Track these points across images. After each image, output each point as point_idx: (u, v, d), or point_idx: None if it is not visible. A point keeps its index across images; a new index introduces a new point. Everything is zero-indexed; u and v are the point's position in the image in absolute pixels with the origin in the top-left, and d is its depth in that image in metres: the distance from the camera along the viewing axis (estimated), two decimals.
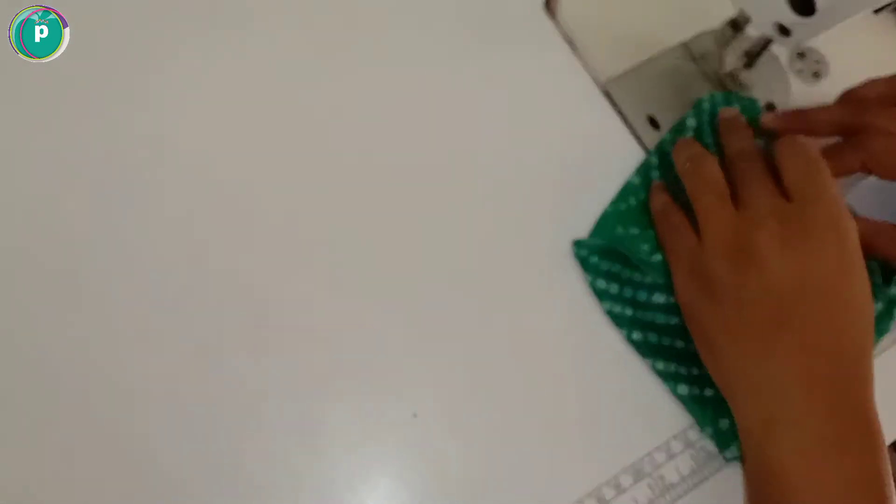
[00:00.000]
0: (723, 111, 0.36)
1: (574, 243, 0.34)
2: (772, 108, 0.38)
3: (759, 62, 0.37)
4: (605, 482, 0.32)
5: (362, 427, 0.31)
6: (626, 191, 0.36)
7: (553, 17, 0.39)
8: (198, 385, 0.31)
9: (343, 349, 0.32)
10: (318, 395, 0.31)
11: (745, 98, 0.36)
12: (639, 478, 0.32)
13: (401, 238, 0.34)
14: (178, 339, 0.31)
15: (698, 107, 0.36)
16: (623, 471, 0.32)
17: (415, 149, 0.36)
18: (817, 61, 0.41)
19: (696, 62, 0.39)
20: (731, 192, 0.32)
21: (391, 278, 0.34)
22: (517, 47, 0.38)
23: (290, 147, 0.35)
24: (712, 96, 0.36)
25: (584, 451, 0.32)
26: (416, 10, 0.38)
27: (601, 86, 0.38)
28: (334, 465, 0.31)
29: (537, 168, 0.36)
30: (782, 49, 0.40)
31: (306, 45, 0.37)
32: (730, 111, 0.36)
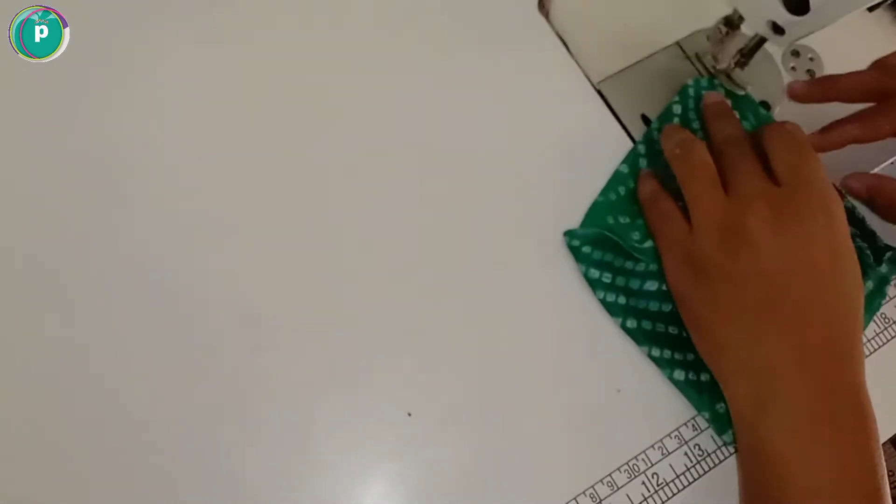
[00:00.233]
0: (707, 96, 0.36)
1: (566, 233, 0.35)
2: (766, 106, 0.38)
3: (752, 61, 0.37)
4: (600, 480, 0.32)
5: (357, 427, 0.31)
6: (615, 180, 0.36)
7: (546, 17, 0.39)
8: (190, 388, 0.31)
9: (336, 349, 0.32)
10: (311, 396, 0.31)
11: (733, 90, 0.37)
12: (633, 475, 0.32)
13: (394, 235, 0.34)
14: (170, 342, 0.31)
15: (683, 92, 0.37)
16: (617, 469, 0.32)
17: (409, 147, 0.36)
18: (811, 59, 0.41)
19: (690, 61, 0.39)
20: (719, 177, 0.32)
21: (384, 275, 0.34)
22: (511, 47, 0.39)
23: (288, 146, 0.35)
24: (697, 81, 0.37)
25: (578, 448, 0.32)
26: (410, 10, 0.38)
27: (595, 85, 0.38)
28: (329, 466, 0.30)
29: (531, 166, 0.36)
30: (776, 47, 0.40)
31: (306, 46, 0.37)
32: (714, 96, 0.36)
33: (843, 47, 0.41)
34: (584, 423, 0.33)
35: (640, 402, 0.33)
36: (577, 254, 0.34)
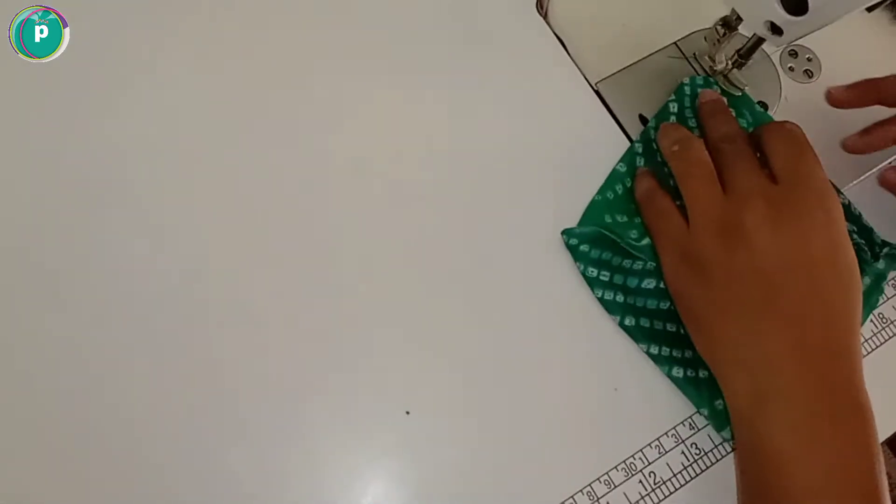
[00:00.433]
0: (702, 94, 0.36)
1: (563, 232, 0.35)
2: (763, 106, 0.39)
3: (750, 61, 0.37)
4: (597, 478, 0.32)
5: (355, 425, 0.31)
6: (613, 179, 0.36)
7: (545, 18, 0.39)
8: (189, 387, 0.31)
9: (334, 347, 0.32)
10: (309, 395, 0.31)
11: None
12: (630, 474, 0.32)
13: (392, 235, 0.34)
14: (169, 341, 0.31)
15: (679, 91, 0.37)
16: (615, 467, 0.32)
17: (407, 147, 0.36)
18: (809, 59, 0.41)
19: (688, 62, 0.39)
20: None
21: (383, 274, 0.34)
22: (509, 47, 0.39)
23: (288, 146, 0.35)
24: (693, 79, 0.37)
25: (576, 446, 0.32)
26: (408, 10, 0.39)
27: (593, 85, 0.39)
28: (327, 465, 0.31)
29: (529, 165, 0.36)
30: (774, 48, 0.40)
31: (306, 46, 0.37)
32: (709, 94, 0.36)
33: (841, 47, 0.41)
34: (582, 422, 0.33)
35: (637, 401, 0.33)
36: (575, 252, 0.34)
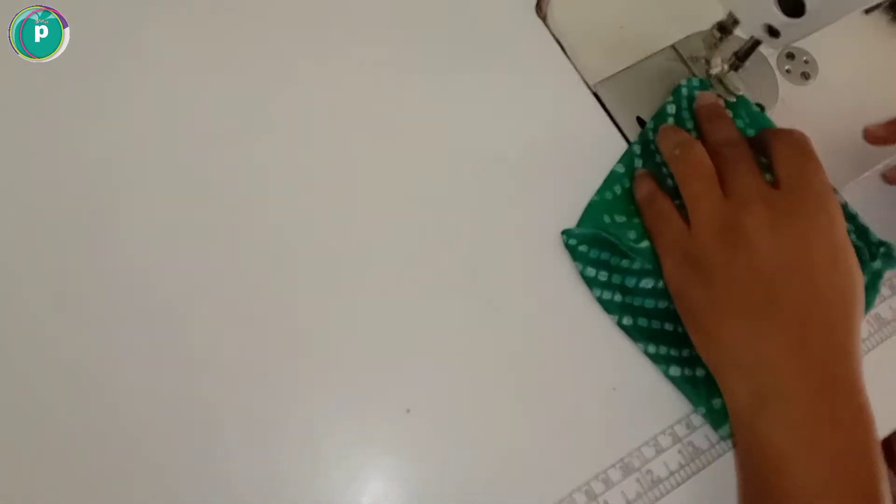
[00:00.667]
0: (700, 96, 0.36)
1: (563, 233, 0.35)
2: (761, 108, 0.39)
3: (747, 64, 0.37)
4: (594, 477, 0.32)
5: (356, 424, 0.31)
6: (611, 180, 0.36)
7: (544, 20, 0.40)
8: (190, 387, 0.31)
9: (334, 346, 0.32)
10: (310, 393, 0.32)
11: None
12: (627, 473, 0.32)
13: (392, 235, 0.34)
14: (169, 342, 0.31)
15: (677, 92, 0.37)
16: (612, 465, 0.32)
17: (407, 148, 0.36)
18: (806, 62, 0.41)
19: (686, 64, 0.39)
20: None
21: (382, 274, 0.34)
22: (508, 49, 0.39)
23: (289, 147, 0.35)
24: (689, 81, 0.37)
25: (573, 445, 0.32)
26: (407, 12, 0.39)
27: (591, 87, 0.39)
28: (328, 463, 0.31)
29: (528, 167, 0.36)
30: (771, 50, 0.40)
31: (307, 46, 0.37)
32: (707, 97, 0.36)
33: (838, 50, 0.41)
34: (580, 420, 0.33)
35: (634, 400, 0.33)
36: (573, 252, 0.35)
